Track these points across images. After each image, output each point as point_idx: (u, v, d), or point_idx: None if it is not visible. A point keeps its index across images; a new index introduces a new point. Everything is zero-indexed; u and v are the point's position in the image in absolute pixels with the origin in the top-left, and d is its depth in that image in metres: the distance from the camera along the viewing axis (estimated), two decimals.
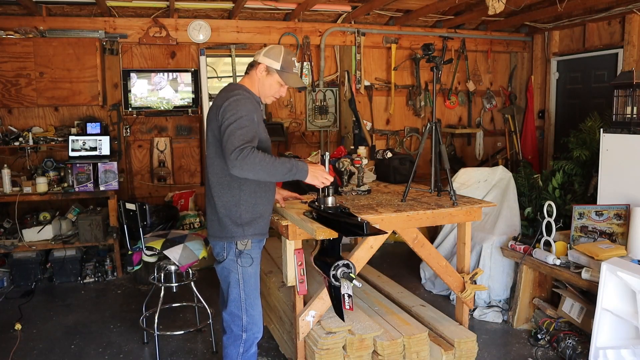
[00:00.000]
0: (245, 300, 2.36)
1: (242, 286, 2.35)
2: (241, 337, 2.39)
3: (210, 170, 2.33)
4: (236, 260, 2.33)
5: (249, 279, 2.36)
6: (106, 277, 4.66)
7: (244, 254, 2.33)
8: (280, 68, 2.34)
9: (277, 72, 2.35)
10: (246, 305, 2.36)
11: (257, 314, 2.41)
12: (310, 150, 5.77)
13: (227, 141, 2.13)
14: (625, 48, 5.12)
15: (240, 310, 2.37)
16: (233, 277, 2.35)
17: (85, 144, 4.88)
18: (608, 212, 3.33)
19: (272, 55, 2.35)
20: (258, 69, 2.36)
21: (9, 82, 4.68)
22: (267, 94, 2.41)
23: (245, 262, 2.33)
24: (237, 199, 2.30)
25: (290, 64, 2.38)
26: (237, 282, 2.35)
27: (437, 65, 2.94)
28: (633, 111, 3.33)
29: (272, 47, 2.39)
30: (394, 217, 2.64)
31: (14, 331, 3.58)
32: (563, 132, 5.74)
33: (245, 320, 2.37)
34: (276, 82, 2.37)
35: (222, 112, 2.21)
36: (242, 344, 2.40)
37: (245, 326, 2.38)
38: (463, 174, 4.21)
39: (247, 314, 2.37)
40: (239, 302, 2.36)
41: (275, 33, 5.56)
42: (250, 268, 2.36)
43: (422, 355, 2.75)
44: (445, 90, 6.42)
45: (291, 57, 2.38)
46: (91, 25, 5.03)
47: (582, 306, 3.18)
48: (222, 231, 2.33)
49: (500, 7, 4.09)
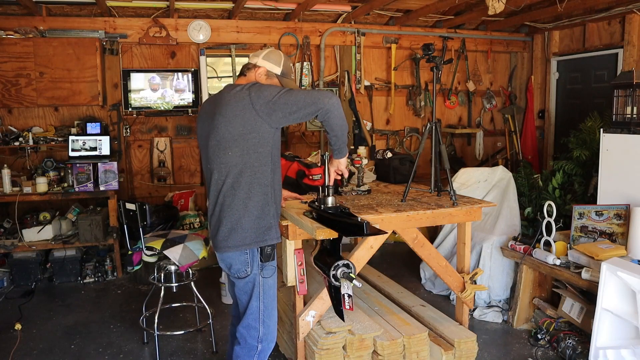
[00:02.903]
0: (263, 311, 2.27)
1: (262, 298, 2.25)
2: (256, 348, 2.29)
3: (234, 172, 2.15)
4: (260, 272, 2.22)
5: (269, 289, 2.27)
6: (106, 277, 4.66)
7: (268, 264, 2.21)
8: (281, 73, 2.34)
9: (277, 77, 2.34)
10: (264, 317, 2.27)
11: (273, 324, 2.33)
12: (310, 150, 5.76)
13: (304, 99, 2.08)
14: (625, 48, 5.12)
15: (258, 322, 2.27)
16: (256, 290, 2.24)
17: (85, 144, 4.88)
18: (608, 212, 3.33)
19: (273, 60, 2.33)
20: (258, 72, 2.31)
21: (9, 82, 4.68)
22: None
23: (267, 273, 2.22)
24: (268, 198, 2.20)
25: (290, 70, 2.38)
26: (258, 295, 2.24)
27: (437, 65, 2.94)
28: (633, 111, 3.33)
29: (272, 51, 2.36)
30: (394, 217, 2.64)
31: (14, 331, 3.58)
32: (563, 132, 5.74)
33: (262, 331, 2.28)
34: None
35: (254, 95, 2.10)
36: (256, 354, 2.30)
37: (262, 337, 2.29)
38: (463, 174, 4.21)
39: (264, 324, 2.28)
40: (257, 314, 2.26)
41: (275, 33, 5.56)
42: (270, 279, 2.26)
43: (422, 355, 2.75)
44: (445, 90, 6.42)
45: (289, 63, 2.39)
46: (91, 25, 5.03)
47: (582, 306, 3.18)
48: (245, 238, 2.17)
49: (500, 7, 4.09)
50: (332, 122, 2.16)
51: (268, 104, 2.09)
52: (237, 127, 2.12)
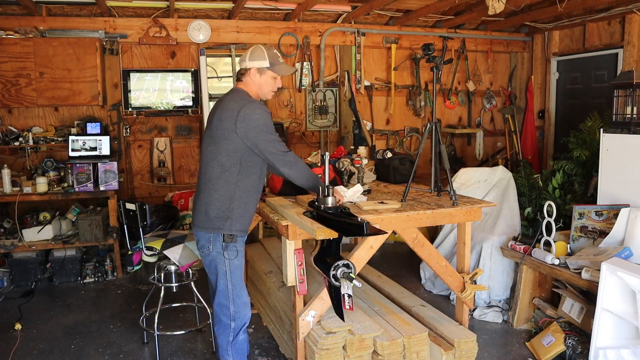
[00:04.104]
0: (232, 290, 2.50)
1: (230, 277, 2.49)
2: (230, 325, 2.53)
3: (211, 164, 2.47)
4: (223, 253, 2.46)
5: (235, 270, 2.50)
6: (106, 277, 4.66)
7: (230, 246, 2.46)
8: (270, 64, 2.52)
9: (269, 69, 2.53)
10: (233, 295, 2.50)
11: (242, 302, 2.54)
12: (310, 150, 5.77)
13: (268, 146, 2.41)
14: (625, 48, 5.12)
15: (228, 300, 2.50)
16: (220, 269, 2.49)
17: (85, 144, 4.88)
18: (608, 212, 3.33)
19: (257, 57, 2.52)
20: (250, 74, 2.53)
21: (9, 82, 4.68)
22: (266, 91, 2.59)
23: (231, 255, 2.47)
24: (231, 193, 2.45)
25: (276, 57, 2.55)
26: (224, 274, 2.48)
27: (437, 65, 2.94)
28: (633, 111, 3.33)
29: (254, 49, 2.54)
30: (394, 217, 2.64)
31: (14, 331, 3.58)
32: (563, 132, 5.75)
33: (233, 309, 2.51)
34: (270, 78, 2.55)
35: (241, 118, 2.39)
36: (231, 332, 2.53)
37: (233, 315, 2.52)
38: (463, 174, 4.21)
39: (234, 303, 2.51)
40: (226, 292, 2.50)
41: (275, 33, 5.56)
42: (235, 260, 2.49)
43: (422, 355, 2.75)
44: (445, 90, 6.42)
45: (273, 50, 2.56)
46: (91, 25, 5.03)
47: (582, 306, 3.18)
48: (209, 222, 2.46)
49: (500, 7, 4.09)
50: (292, 179, 2.57)
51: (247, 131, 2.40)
52: (219, 129, 2.45)
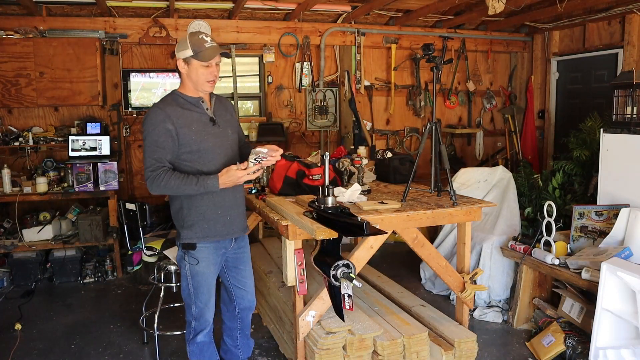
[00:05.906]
0: (193, 293, 2.51)
1: (190, 280, 2.50)
2: (191, 323, 2.58)
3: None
4: (183, 257, 2.48)
5: (196, 275, 2.49)
6: (106, 277, 4.66)
7: (190, 253, 2.45)
8: (193, 52, 2.28)
9: (193, 57, 2.29)
10: (194, 298, 2.51)
11: (204, 306, 2.54)
12: (310, 150, 5.77)
13: (146, 163, 2.34)
14: (625, 48, 5.12)
15: (190, 300, 2.53)
16: (182, 271, 2.52)
17: (85, 144, 4.88)
18: (608, 212, 3.33)
19: (181, 47, 2.31)
20: (179, 67, 2.35)
21: (9, 82, 4.68)
22: (201, 82, 2.35)
23: (191, 261, 2.46)
24: (179, 202, 2.46)
25: (200, 42, 2.29)
26: (185, 276, 2.50)
27: (437, 65, 2.94)
28: (633, 111, 3.33)
29: (179, 41, 2.35)
30: (394, 217, 2.64)
31: (14, 331, 3.58)
32: (563, 132, 5.75)
33: (194, 310, 2.54)
34: (199, 67, 2.31)
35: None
36: (192, 330, 2.59)
37: (195, 315, 2.55)
38: (463, 174, 4.21)
39: (195, 305, 2.53)
40: (188, 293, 2.53)
41: (275, 33, 5.56)
42: (197, 266, 2.46)
43: (422, 355, 2.75)
44: (445, 90, 6.42)
45: (198, 36, 2.31)
46: (91, 25, 5.03)
47: (582, 306, 3.18)
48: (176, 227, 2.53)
49: (500, 7, 4.09)
50: (168, 193, 2.47)
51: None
52: None
